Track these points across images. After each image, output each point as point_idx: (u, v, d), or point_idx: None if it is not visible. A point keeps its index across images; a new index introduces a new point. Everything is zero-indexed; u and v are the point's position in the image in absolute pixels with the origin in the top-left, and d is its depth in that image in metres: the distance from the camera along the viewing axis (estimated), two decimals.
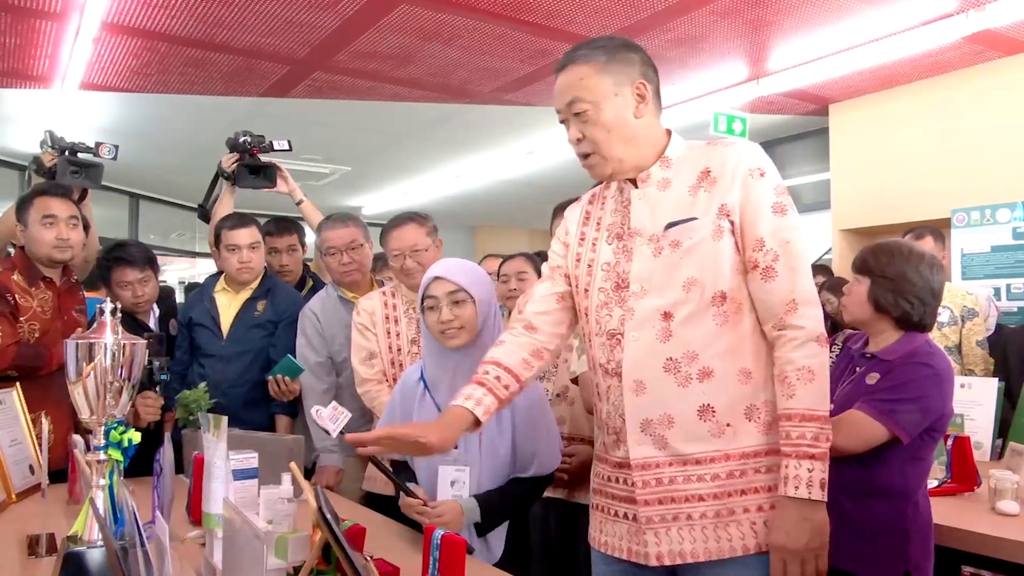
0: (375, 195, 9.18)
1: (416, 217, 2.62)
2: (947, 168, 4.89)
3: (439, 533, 1.37)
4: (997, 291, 4.44)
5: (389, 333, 2.61)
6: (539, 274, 3.50)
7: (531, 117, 5.95)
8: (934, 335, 3.65)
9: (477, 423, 1.61)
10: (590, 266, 1.65)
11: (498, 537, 1.94)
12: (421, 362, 2.07)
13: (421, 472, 1.97)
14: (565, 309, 1.72)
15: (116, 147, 3.13)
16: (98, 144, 3.10)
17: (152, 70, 4.76)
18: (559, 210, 2.57)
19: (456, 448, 1.88)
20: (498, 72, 4.84)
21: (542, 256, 3.18)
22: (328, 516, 1.19)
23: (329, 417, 2.12)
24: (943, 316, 3.69)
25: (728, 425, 1.48)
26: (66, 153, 3.00)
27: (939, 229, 4.00)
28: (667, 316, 1.51)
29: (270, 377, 2.75)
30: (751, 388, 1.49)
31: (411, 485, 1.92)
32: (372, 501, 2.54)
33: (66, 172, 2.99)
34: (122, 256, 2.92)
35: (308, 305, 2.89)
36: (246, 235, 2.92)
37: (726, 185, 1.51)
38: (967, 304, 3.73)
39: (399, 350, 2.61)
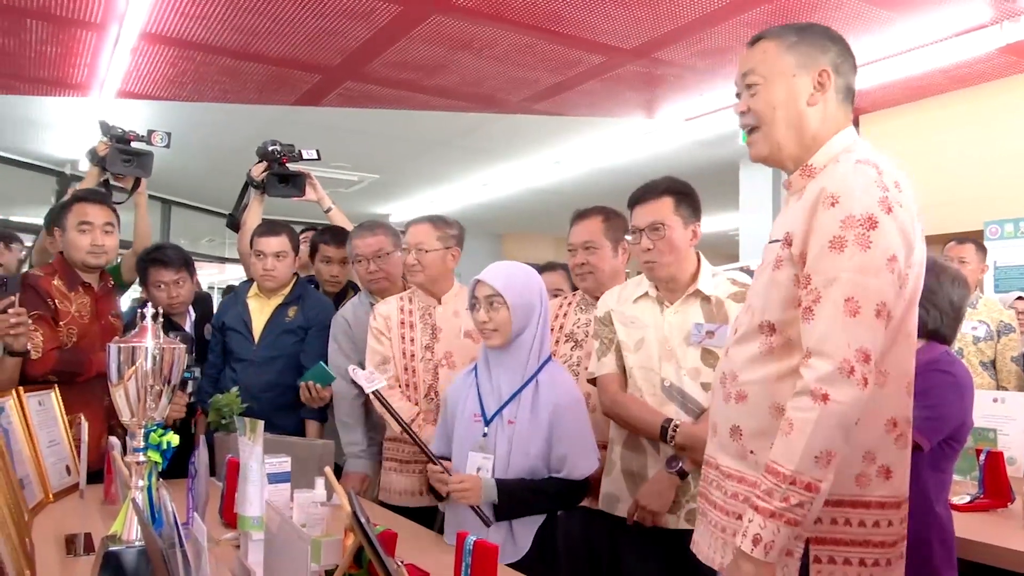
0: (403, 203, 9.25)
1: (435, 219, 2.63)
2: (980, 180, 4.83)
3: (471, 539, 1.38)
4: None
5: (404, 339, 2.61)
6: (574, 290, 3.52)
7: (559, 127, 5.98)
8: (969, 350, 3.61)
9: None
10: None
11: (526, 533, 1.98)
12: (473, 362, 2.18)
13: (454, 458, 2.05)
14: None
15: (168, 134, 3.18)
16: (150, 132, 3.15)
17: (188, 79, 4.85)
18: (576, 218, 2.55)
19: (485, 436, 1.97)
20: (527, 82, 4.86)
21: (567, 268, 3.19)
22: (363, 520, 1.21)
23: (365, 377, 2.16)
24: (980, 331, 3.65)
25: (752, 452, 1.46)
26: (118, 142, 3.06)
27: (980, 241, 3.96)
28: (734, 331, 1.56)
29: (301, 383, 2.78)
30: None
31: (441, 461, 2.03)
32: None
33: (117, 160, 3.05)
34: (158, 257, 2.99)
35: (340, 312, 2.92)
36: (275, 243, 2.96)
37: (801, 209, 1.42)
38: (1004, 319, 3.68)
39: (412, 356, 2.60)
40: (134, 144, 3.09)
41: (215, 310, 3.36)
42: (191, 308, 3.20)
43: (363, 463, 2.76)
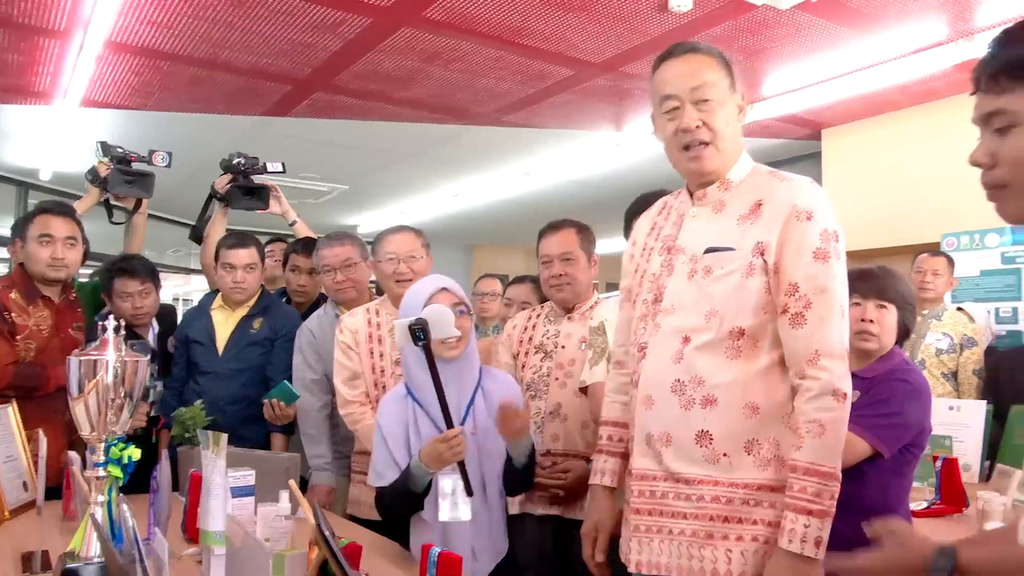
0: (372, 213, 9.22)
1: (415, 229, 2.64)
2: (938, 193, 4.94)
3: (436, 551, 1.39)
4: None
5: (372, 353, 2.56)
6: (541, 302, 3.54)
7: (529, 138, 6.01)
8: (932, 361, 3.70)
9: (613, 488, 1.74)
10: (643, 277, 1.68)
11: (489, 556, 1.98)
12: (399, 385, 2.09)
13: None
14: None
15: (170, 154, 3.19)
16: (151, 152, 3.15)
17: (154, 88, 4.80)
18: (550, 231, 2.54)
19: None
20: (498, 94, 4.89)
21: (535, 281, 3.20)
22: (327, 534, 1.21)
23: None
24: (943, 343, 3.73)
25: (725, 455, 1.49)
26: (119, 163, 3.05)
27: (950, 255, 4.05)
28: (685, 340, 1.53)
29: (265, 401, 2.76)
30: (755, 423, 1.49)
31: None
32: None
33: (120, 182, 3.06)
34: (125, 267, 2.95)
35: (306, 323, 2.91)
36: (244, 256, 2.95)
37: (768, 222, 1.49)
38: (967, 333, 3.76)
39: (382, 371, 2.55)
40: (135, 165, 3.08)
41: (179, 323, 3.34)
42: (154, 320, 3.16)
43: (329, 476, 2.75)
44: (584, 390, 2.29)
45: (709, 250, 1.53)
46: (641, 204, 2.20)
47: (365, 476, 2.55)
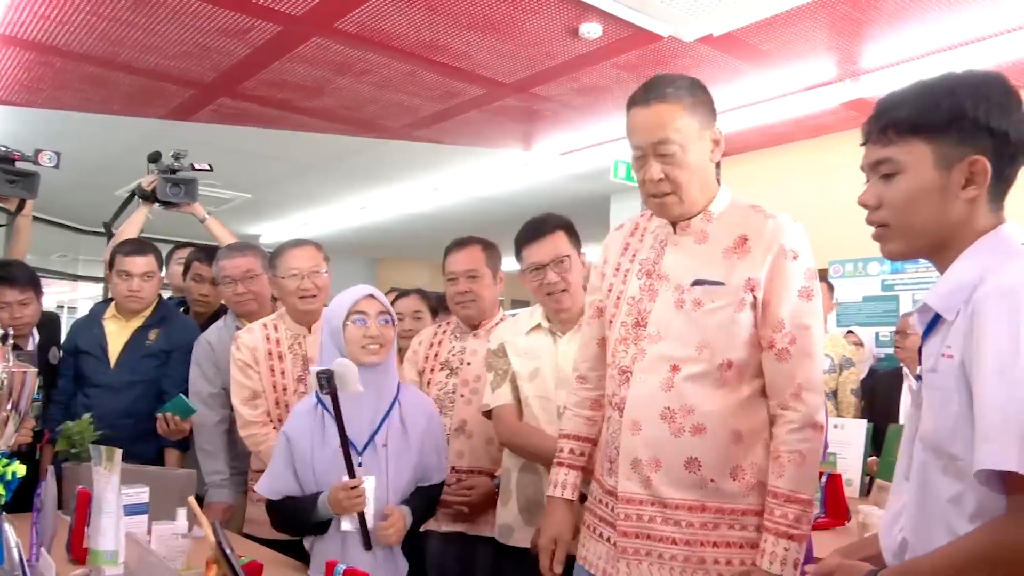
0: (275, 223, 9.01)
1: (315, 242, 2.60)
2: (826, 222, 5.22)
3: (341, 567, 1.37)
4: None
5: (273, 371, 2.50)
6: (434, 313, 3.55)
7: (438, 154, 6.02)
8: None
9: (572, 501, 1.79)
10: (619, 298, 1.69)
11: (395, 557, 1.98)
12: (311, 394, 2.06)
13: (330, 484, 1.97)
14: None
15: (58, 154, 3.06)
16: (37, 152, 3.01)
17: (45, 85, 4.56)
18: (455, 248, 2.54)
19: (361, 466, 1.94)
20: (408, 109, 4.89)
21: (439, 297, 3.21)
22: (227, 552, 1.18)
23: None
24: (824, 364, 3.95)
25: (712, 480, 1.54)
26: (1, 162, 2.90)
27: (827, 280, 4.30)
28: (674, 368, 1.56)
29: (159, 415, 2.66)
30: (740, 450, 1.54)
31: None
32: None
33: (1, 181, 2.89)
34: (3, 275, 2.78)
35: (204, 335, 2.82)
36: (141, 264, 2.84)
37: (758, 259, 1.54)
38: (846, 354, 4.01)
39: (284, 389, 2.50)
40: (19, 164, 2.93)
41: (63, 332, 3.17)
42: (35, 330, 2.99)
43: (226, 493, 2.67)
44: (487, 413, 2.30)
45: (697, 282, 1.57)
46: (529, 231, 2.22)
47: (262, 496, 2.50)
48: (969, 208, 1.15)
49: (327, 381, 1.85)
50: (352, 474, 1.88)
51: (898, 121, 1.16)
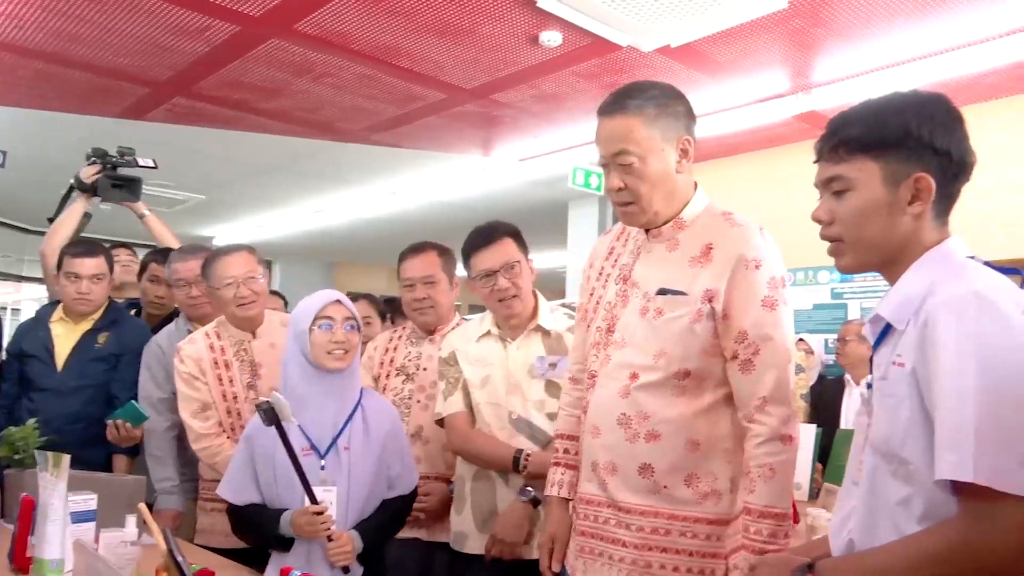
0: (229, 226, 8.88)
1: (250, 247, 2.54)
2: (777, 232, 5.31)
3: (296, 574, 1.36)
4: None
5: (221, 380, 2.46)
6: (383, 318, 3.53)
7: (397, 158, 6.00)
8: None
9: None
10: (598, 303, 1.71)
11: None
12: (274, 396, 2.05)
13: (292, 491, 1.94)
14: None
15: (4, 153, 2.99)
16: None
17: None
18: (411, 254, 2.53)
19: (323, 469, 1.93)
20: (367, 112, 4.86)
21: (392, 301, 3.19)
22: (179, 560, 1.17)
23: None
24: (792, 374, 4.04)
25: (665, 487, 1.55)
26: None
27: None
28: (633, 375, 1.58)
29: (109, 421, 2.60)
30: (696, 458, 1.55)
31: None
32: None
33: None
34: None
35: (154, 338, 2.76)
36: (91, 265, 2.77)
37: (718, 269, 1.53)
38: (797, 360, 4.09)
39: (235, 397, 2.46)
40: None
41: (7, 335, 3.08)
42: None
43: (176, 500, 2.61)
44: (440, 422, 2.30)
45: (662, 291, 1.57)
46: (478, 238, 2.22)
47: (215, 504, 2.44)
48: (916, 223, 1.19)
49: (269, 414, 1.83)
50: (312, 499, 1.86)
51: (848, 140, 1.20)
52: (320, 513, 1.84)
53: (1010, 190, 4.35)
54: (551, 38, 3.70)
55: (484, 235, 2.21)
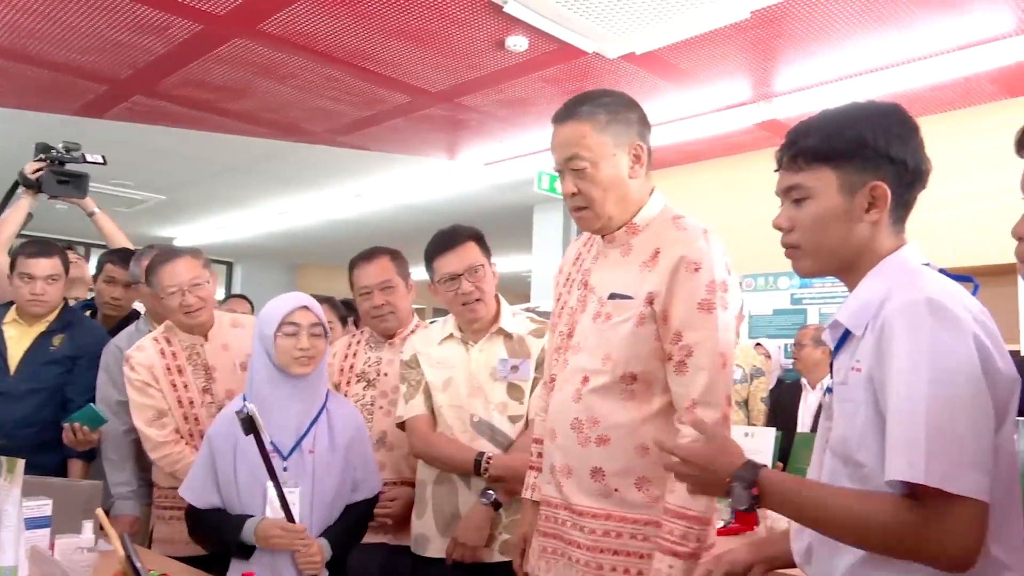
0: (190, 227, 8.74)
1: (195, 251, 2.50)
2: (739, 237, 5.42)
3: None
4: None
5: (175, 386, 2.43)
6: (343, 323, 3.49)
7: (362, 160, 5.97)
8: None
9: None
10: (563, 308, 1.72)
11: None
12: (239, 397, 2.05)
13: (252, 493, 1.94)
14: None
15: None
16: None
17: None
18: (364, 261, 2.50)
19: (286, 470, 1.93)
20: (332, 114, 4.83)
21: (352, 305, 3.14)
22: (138, 566, 1.15)
23: None
24: (736, 374, 4.10)
25: (616, 490, 1.56)
26: None
27: None
28: (584, 380, 1.60)
29: (65, 424, 2.54)
30: (647, 462, 1.56)
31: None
32: None
33: None
34: None
35: (114, 340, 2.72)
36: (47, 266, 2.71)
37: (660, 272, 1.54)
38: (756, 364, 4.16)
39: (191, 403, 2.43)
40: None
41: None
42: None
43: (133, 505, 2.57)
44: (401, 425, 2.29)
45: (612, 295, 1.60)
46: (441, 242, 2.22)
47: (173, 512, 2.40)
48: (873, 230, 1.22)
49: (248, 423, 1.82)
50: (287, 511, 1.86)
51: (807, 150, 1.23)
52: (296, 531, 1.86)
53: (964, 200, 4.47)
54: (517, 43, 3.72)
55: (447, 239, 2.22)
